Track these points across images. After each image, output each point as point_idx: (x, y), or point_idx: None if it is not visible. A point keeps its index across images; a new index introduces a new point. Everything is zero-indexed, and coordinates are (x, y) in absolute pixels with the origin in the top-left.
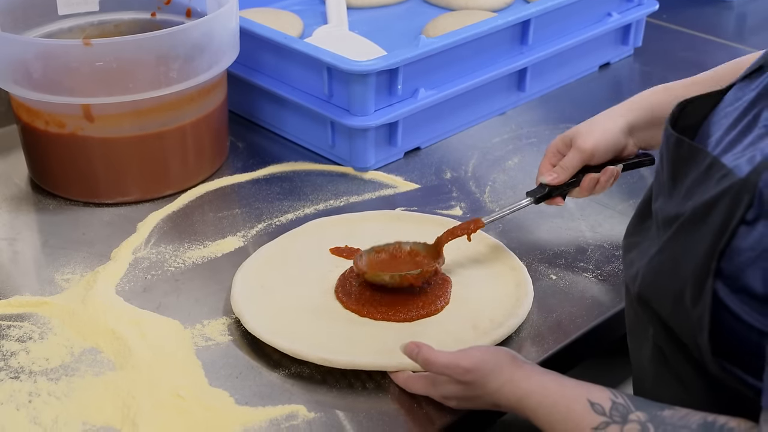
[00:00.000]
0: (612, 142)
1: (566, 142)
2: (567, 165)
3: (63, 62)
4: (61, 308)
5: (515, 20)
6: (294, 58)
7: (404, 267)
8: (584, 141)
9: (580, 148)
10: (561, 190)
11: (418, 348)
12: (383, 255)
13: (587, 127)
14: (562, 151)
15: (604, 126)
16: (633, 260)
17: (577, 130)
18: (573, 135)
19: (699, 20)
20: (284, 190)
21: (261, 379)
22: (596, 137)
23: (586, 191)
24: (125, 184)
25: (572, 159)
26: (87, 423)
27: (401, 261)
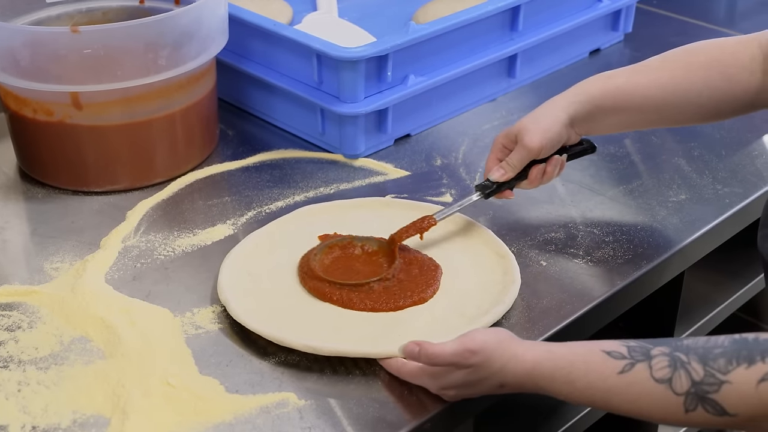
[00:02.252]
0: (556, 136)
1: (511, 138)
2: (514, 162)
3: (51, 50)
4: (51, 297)
5: (505, 6)
6: (283, 45)
7: (360, 267)
8: (531, 139)
9: (527, 146)
10: (509, 184)
11: (418, 346)
12: (336, 251)
13: (532, 124)
14: (508, 146)
15: (548, 121)
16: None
17: (523, 126)
18: (518, 131)
19: (689, 6)
20: (274, 177)
21: (251, 367)
22: (542, 134)
23: (535, 182)
24: (114, 172)
25: (519, 156)
26: (77, 412)
27: (355, 259)
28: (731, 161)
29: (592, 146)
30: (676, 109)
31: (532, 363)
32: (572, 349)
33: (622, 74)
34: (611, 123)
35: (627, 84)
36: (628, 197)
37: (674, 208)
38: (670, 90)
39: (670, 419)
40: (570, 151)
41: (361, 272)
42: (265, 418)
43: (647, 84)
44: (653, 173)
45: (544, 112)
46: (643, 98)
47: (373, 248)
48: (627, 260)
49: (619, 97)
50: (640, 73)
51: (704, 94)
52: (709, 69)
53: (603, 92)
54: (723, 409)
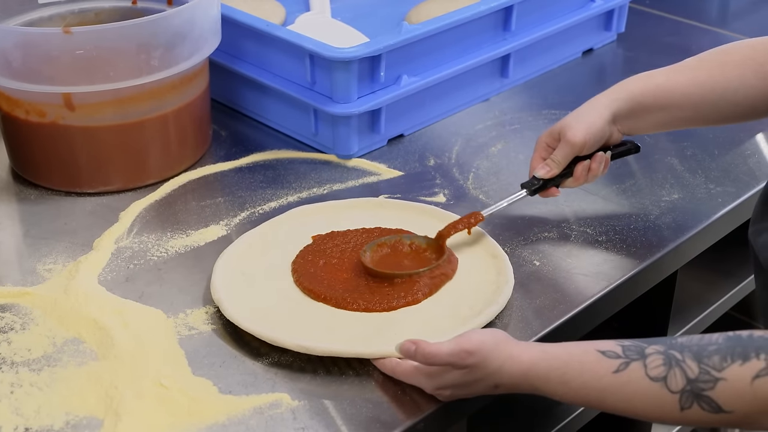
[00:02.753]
0: (599, 133)
1: (554, 136)
2: (559, 158)
3: (43, 51)
4: (43, 298)
5: (498, 6)
6: (276, 46)
7: (408, 262)
8: (574, 134)
9: (570, 141)
10: (555, 181)
11: (414, 345)
12: (385, 249)
13: (575, 120)
14: (551, 144)
15: (591, 118)
16: (766, 244)
17: (566, 123)
18: (561, 128)
19: (682, 5)
20: (267, 178)
21: (244, 368)
22: (585, 130)
23: (581, 180)
24: (107, 173)
25: (563, 152)
26: (70, 413)
27: (404, 255)
28: (724, 160)
29: (636, 146)
30: (713, 107)
31: (527, 364)
32: (567, 349)
33: (662, 73)
34: (652, 121)
35: (667, 82)
36: (621, 197)
37: (667, 208)
38: (708, 88)
39: (665, 418)
40: (613, 150)
41: (408, 267)
42: (258, 419)
43: (686, 82)
44: (646, 173)
45: (587, 109)
46: (683, 96)
47: (422, 245)
48: (620, 260)
49: (660, 94)
50: (678, 72)
51: (740, 92)
52: (744, 67)
53: (644, 90)
54: (718, 406)
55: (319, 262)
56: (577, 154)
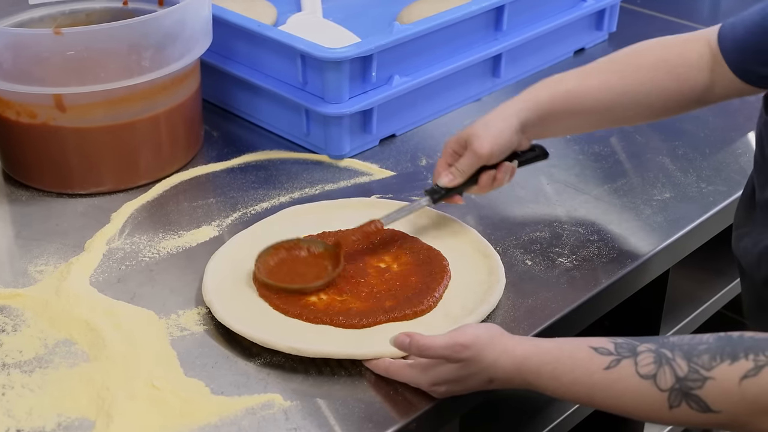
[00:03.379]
0: (507, 142)
1: (461, 143)
2: (463, 168)
3: (34, 52)
4: (35, 300)
5: (489, 6)
6: (268, 46)
7: (305, 270)
8: (480, 145)
9: (476, 152)
10: (458, 189)
11: (409, 338)
12: (282, 253)
13: (482, 130)
14: (458, 151)
15: (498, 127)
16: (748, 248)
17: (473, 132)
18: (468, 137)
19: (673, 5)
20: (259, 178)
21: (236, 369)
22: (492, 140)
23: (485, 189)
24: (98, 175)
25: (469, 162)
26: (61, 415)
27: (300, 261)
28: (715, 159)
29: (544, 152)
30: (625, 110)
31: (521, 357)
32: (560, 344)
33: (571, 78)
34: (562, 126)
35: (578, 88)
36: (613, 196)
37: (659, 207)
38: (620, 92)
39: (654, 416)
40: (521, 157)
41: (304, 275)
42: (250, 420)
43: (598, 86)
44: (638, 172)
45: (495, 118)
46: (594, 101)
47: (320, 251)
48: (612, 259)
49: (570, 101)
50: (589, 76)
51: (653, 94)
52: (656, 70)
53: (552, 97)
54: (707, 406)
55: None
56: (484, 164)
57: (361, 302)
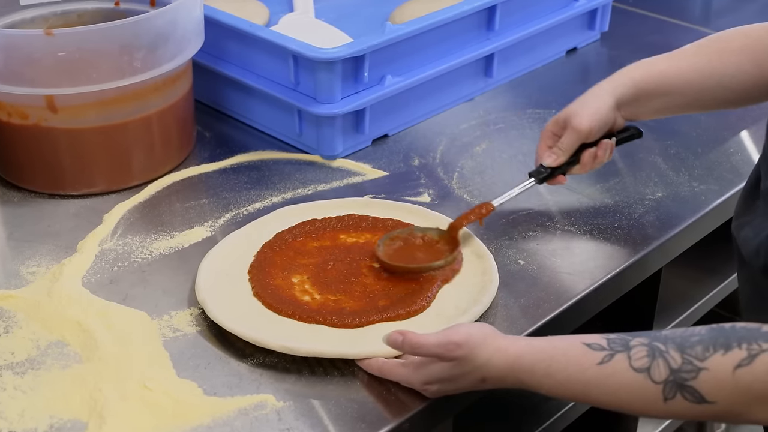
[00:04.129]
0: (604, 119)
1: (560, 124)
2: (565, 146)
3: (25, 53)
4: (27, 301)
5: (481, 6)
6: (260, 47)
7: (422, 255)
8: (580, 122)
9: (576, 128)
10: (561, 168)
11: (402, 336)
12: (398, 242)
13: (580, 107)
14: (557, 132)
15: (595, 105)
16: (748, 238)
17: (571, 111)
18: (566, 116)
19: (665, 4)
20: (252, 179)
21: (229, 369)
22: (590, 117)
23: (587, 167)
24: (91, 176)
25: (570, 140)
26: (54, 416)
27: (417, 248)
28: (707, 159)
29: (639, 132)
30: (711, 93)
31: (513, 356)
32: (553, 342)
33: (663, 60)
34: (654, 107)
35: (669, 69)
36: (606, 195)
37: (651, 206)
38: (707, 74)
39: (649, 410)
40: (618, 136)
41: (422, 260)
42: (243, 420)
43: (687, 68)
44: (630, 171)
45: (591, 96)
46: (685, 82)
47: (434, 237)
48: (605, 258)
49: (662, 81)
50: (679, 58)
51: (737, 78)
52: (741, 54)
53: (646, 76)
54: (701, 396)
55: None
56: (583, 141)
57: (354, 302)
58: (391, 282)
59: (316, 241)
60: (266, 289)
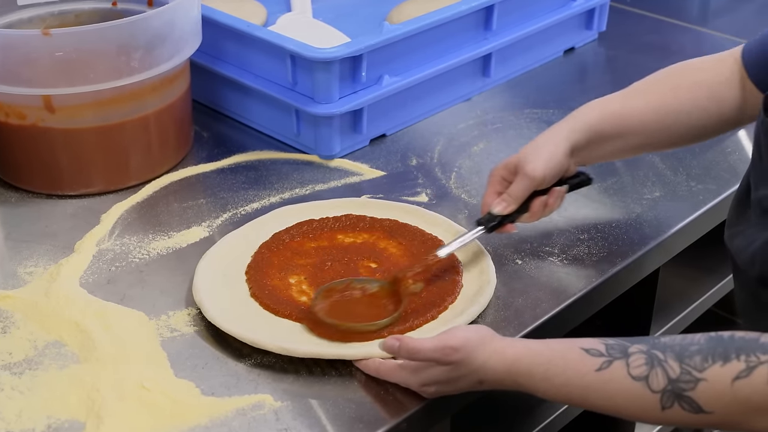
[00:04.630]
0: (558, 166)
1: (510, 169)
2: (516, 193)
3: (22, 53)
4: (24, 302)
5: (479, 6)
6: (257, 47)
7: (364, 311)
8: (534, 168)
9: (529, 175)
10: (510, 217)
11: (398, 341)
12: (336, 296)
13: (533, 154)
14: (507, 177)
15: (549, 150)
16: (742, 246)
17: (523, 157)
18: (519, 162)
19: (663, 4)
20: (249, 179)
21: (227, 369)
22: (544, 163)
23: (537, 215)
24: (88, 176)
25: (521, 187)
26: (51, 417)
27: (357, 302)
28: (705, 158)
29: (589, 178)
30: (667, 132)
31: (511, 359)
32: (551, 346)
33: (616, 100)
34: (608, 150)
35: (623, 109)
36: (603, 195)
37: (649, 206)
38: (662, 112)
39: (647, 417)
40: (569, 182)
41: (364, 316)
42: (241, 421)
43: (642, 107)
44: (628, 171)
45: (545, 142)
46: (640, 122)
47: (374, 290)
48: (602, 257)
49: (617, 122)
50: (632, 97)
51: (693, 114)
52: (695, 90)
53: (601, 119)
54: (699, 407)
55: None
56: (536, 189)
57: None
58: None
59: (314, 241)
60: (263, 290)
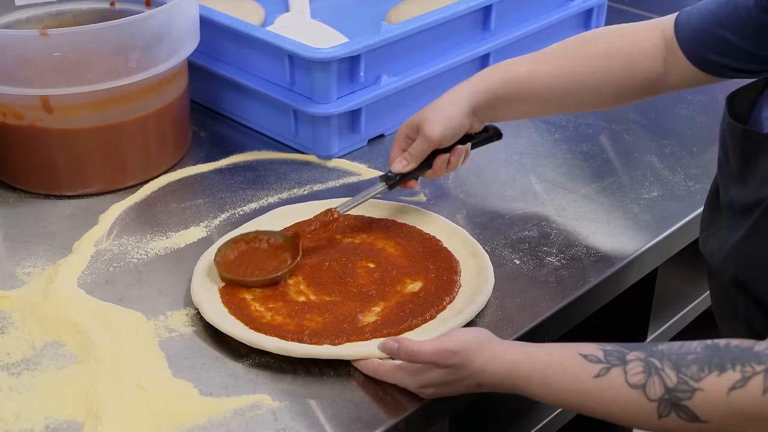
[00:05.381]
0: (458, 126)
1: (413, 128)
2: (416, 153)
3: (20, 53)
4: (23, 302)
5: (477, 5)
6: (255, 47)
7: (265, 261)
8: (432, 130)
9: (428, 137)
10: (413, 174)
11: (397, 343)
12: (242, 245)
13: (433, 114)
14: (411, 136)
15: (449, 111)
16: (714, 250)
17: (424, 117)
18: (419, 121)
19: (660, 4)
20: (248, 179)
21: (225, 370)
22: (443, 124)
23: (439, 173)
24: (86, 176)
25: (421, 147)
26: (50, 417)
27: (261, 253)
28: (702, 158)
29: (498, 133)
30: (576, 97)
31: (510, 363)
32: (549, 351)
33: (525, 63)
34: (514, 111)
35: (529, 74)
36: (602, 195)
37: (647, 205)
38: (571, 79)
39: (643, 425)
40: (474, 139)
41: (264, 268)
42: (239, 421)
43: (550, 72)
44: (626, 171)
45: (446, 102)
46: (545, 87)
47: (279, 242)
48: (600, 257)
49: (521, 86)
50: (542, 61)
51: (604, 83)
52: (609, 58)
53: (504, 81)
54: (695, 416)
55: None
56: (435, 148)
57: (349, 302)
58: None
59: (312, 241)
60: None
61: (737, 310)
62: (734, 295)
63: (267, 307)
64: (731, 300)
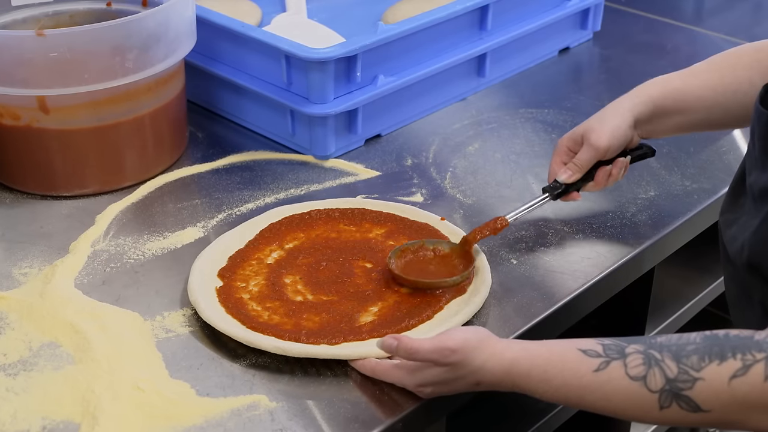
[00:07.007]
0: (622, 137)
1: (576, 140)
2: (581, 162)
3: (16, 53)
4: (19, 303)
5: (474, 6)
6: (252, 47)
7: (435, 269)
8: (598, 138)
9: (594, 145)
10: (576, 185)
11: (396, 341)
12: (409, 255)
13: (598, 124)
14: (573, 148)
15: (615, 123)
16: (735, 235)
17: (589, 127)
18: (584, 132)
19: (657, 4)
20: (244, 179)
21: (222, 370)
22: (609, 134)
23: (601, 184)
24: (83, 176)
25: (586, 156)
26: (46, 418)
27: (429, 262)
28: (699, 158)
29: (652, 150)
30: (724, 110)
31: (509, 361)
32: (548, 347)
33: (677, 77)
34: (670, 125)
35: (684, 86)
36: (598, 194)
37: (644, 205)
38: (720, 91)
39: (645, 417)
40: (632, 154)
41: (435, 274)
42: (236, 421)
43: (700, 85)
44: None
45: (610, 113)
46: (697, 99)
47: (445, 251)
48: (597, 257)
49: (678, 98)
50: (692, 75)
51: (749, 94)
52: (751, 69)
53: (663, 94)
54: (697, 406)
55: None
56: (600, 159)
57: (347, 302)
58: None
59: (309, 240)
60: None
61: (753, 296)
62: (750, 280)
63: (264, 306)
64: (747, 286)
